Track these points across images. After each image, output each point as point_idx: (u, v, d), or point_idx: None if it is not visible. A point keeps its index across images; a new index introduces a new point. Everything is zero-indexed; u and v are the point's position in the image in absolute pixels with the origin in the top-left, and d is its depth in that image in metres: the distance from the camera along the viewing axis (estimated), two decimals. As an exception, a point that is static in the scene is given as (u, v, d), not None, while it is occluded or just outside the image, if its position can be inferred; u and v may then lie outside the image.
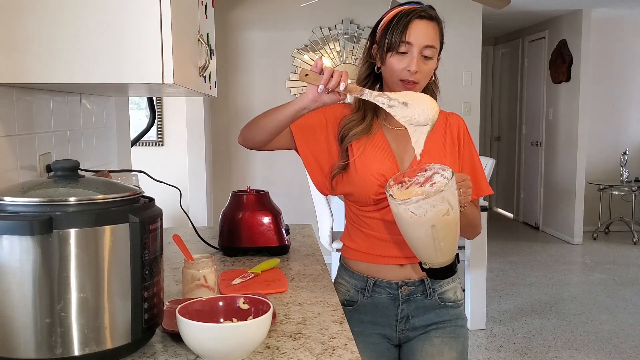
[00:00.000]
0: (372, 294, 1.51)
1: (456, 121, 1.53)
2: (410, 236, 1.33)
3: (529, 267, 5.48)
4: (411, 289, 1.50)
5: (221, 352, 1.03)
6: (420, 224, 1.27)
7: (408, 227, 1.31)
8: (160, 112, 5.14)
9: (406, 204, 1.26)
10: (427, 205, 1.24)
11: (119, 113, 2.29)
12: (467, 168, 1.51)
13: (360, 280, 1.52)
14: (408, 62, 1.39)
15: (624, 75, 6.88)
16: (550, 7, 6.21)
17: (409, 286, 1.50)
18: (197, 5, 1.55)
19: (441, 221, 1.26)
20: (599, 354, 3.54)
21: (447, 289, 1.54)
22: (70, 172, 1.06)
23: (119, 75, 1.21)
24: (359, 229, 1.52)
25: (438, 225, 1.27)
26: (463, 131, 1.53)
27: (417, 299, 1.51)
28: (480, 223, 1.57)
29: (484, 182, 1.55)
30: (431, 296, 1.51)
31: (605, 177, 6.76)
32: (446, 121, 1.52)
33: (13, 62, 1.18)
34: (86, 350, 0.98)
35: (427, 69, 1.42)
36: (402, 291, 1.50)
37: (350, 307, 1.53)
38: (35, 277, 0.95)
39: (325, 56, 5.41)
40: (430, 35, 1.41)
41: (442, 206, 1.25)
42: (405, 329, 1.53)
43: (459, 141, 1.52)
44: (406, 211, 1.26)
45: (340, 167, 1.47)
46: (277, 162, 5.59)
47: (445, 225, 1.28)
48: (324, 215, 4.07)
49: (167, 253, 1.29)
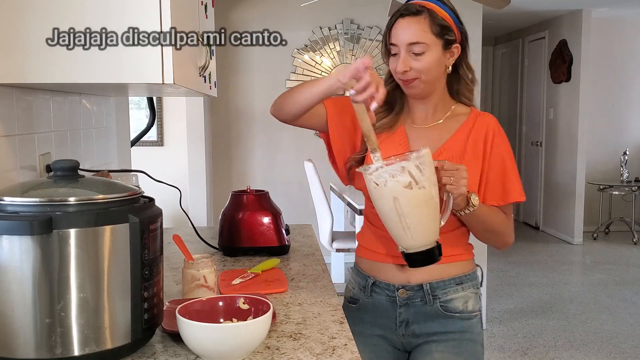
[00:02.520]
0: (372, 293, 1.49)
1: (485, 122, 1.45)
2: (379, 211, 1.30)
3: (529, 267, 5.48)
4: (409, 293, 1.44)
5: (221, 352, 1.03)
6: (383, 195, 1.25)
7: (375, 201, 1.29)
8: (160, 112, 5.14)
9: (367, 171, 1.26)
10: (386, 174, 1.23)
11: (119, 113, 2.29)
12: (494, 171, 1.43)
13: (362, 278, 1.52)
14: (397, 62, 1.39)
15: (624, 75, 6.88)
16: (550, 7, 6.21)
17: (406, 290, 1.44)
18: (197, 5, 1.55)
19: (403, 194, 1.23)
20: (599, 354, 3.54)
21: (453, 297, 1.44)
22: (70, 172, 1.06)
23: (119, 75, 1.21)
24: (368, 225, 1.53)
25: (400, 198, 1.23)
26: (493, 132, 1.44)
27: (417, 304, 1.44)
28: (507, 231, 1.46)
29: (514, 189, 1.44)
30: (431, 303, 1.43)
31: (605, 177, 6.76)
32: (475, 121, 1.45)
33: (13, 62, 1.18)
34: (86, 350, 0.98)
35: (421, 65, 1.37)
36: (399, 294, 1.45)
37: (353, 305, 1.53)
38: (35, 277, 0.95)
39: (325, 56, 5.41)
40: (412, 31, 1.36)
41: (403, 178, 1.22)
42: (406, 334, 1.47)
43: (485, 142, 1.43)
44: (370, 182, 1.25)
45: (355, 160, 1.46)
46: (277, 162, 5.59)
47: (409, 199, 1.23)
48: (324, 215, 4.07)
49: (167, 253, 1.29)
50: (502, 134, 1.45)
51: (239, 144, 5.54)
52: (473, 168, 1.40)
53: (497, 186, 1.42)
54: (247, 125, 5.52)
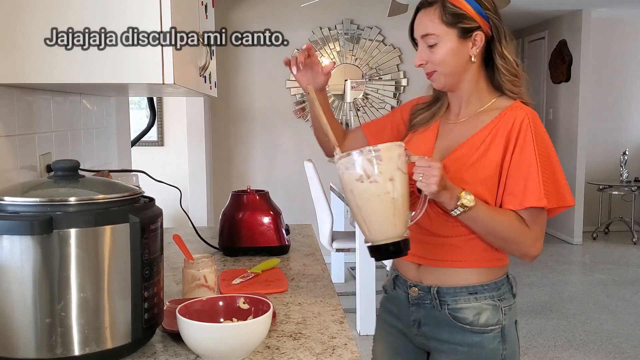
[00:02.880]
0: (395, 287, 1.47)
1: (513, 116, 1.32)
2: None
3: (529, 267, 5.48)
4: (421, 293, 1.39)
5: (221, 352, 1.03)
6: (343, 185, 1.26)
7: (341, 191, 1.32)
8: (160, 112, 5.14)
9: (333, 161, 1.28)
10: (342, 166, 1.23)
11: (119, 113, 2.29)
12: (515, 172, 1.29)
13: (392, 270, 1.51)
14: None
15: (623, 75, 6.88)
16: (550, 7, 6.21)
17: (419, 289, 1.39)
18: (197, 5, 1.55)
19: (356, 187, 1.22)
20: (599, 353, 3.54)
21: (463, 306, 1.34)
22: (71, 172, 1.06)
23: (119, 75, 1.21)
24: None
25: (355, 191, 1.22)
26: (519, 129, 1.30)
27: (427, 306, 1.39)
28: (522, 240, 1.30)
29: (534, 193, 1.27)
30: (439, 308, 1.36)
31: (605, 177, 6.76)
32: (503, 115, 1.34)
33: (13, 62, 1.18)
34: (86, 350, 0.98)
35: (437, 57, 1.33)
36: (411, 292, 1.41)
37: (385, 294, 1.53)
38: (35, 277, 0.95)
39: (325, 56, 5.41)
40: (423, 23, 1.35)
41: (354, 171, 1.21)
42: (418, 334, 1.42)
43: (509, 139, 1.30)
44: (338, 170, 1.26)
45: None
46: (277, 162, 5.59)
47: (362, 193, 1.22)
48: (324, 215, 4.07)
49: (167, 253, 1.29)
50: (532, 131, 1.30)
51: (239, 144, 5.54)
52: (489, 167, 1.31)
53: (517, 189, 1.28)
54: (247, 125, 5.52)
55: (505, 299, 1.37)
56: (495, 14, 1.36)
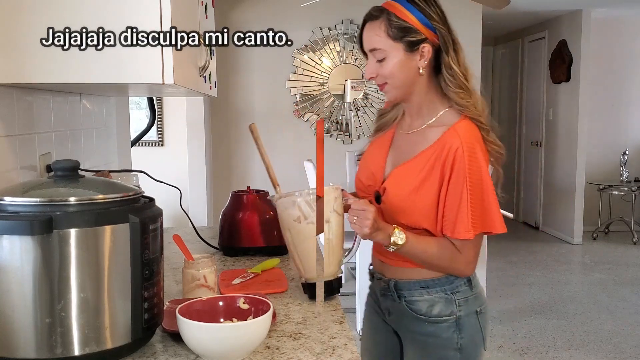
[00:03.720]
0: (373, 278, 1.57)
1: (449, 144, 1.31)
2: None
3: (529, 267, 5.48)
4: (384, 285, 1.48)
5: (221, 352, 1.03)
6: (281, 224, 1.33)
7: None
8: (160, 112, 5.14)
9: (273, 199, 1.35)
10: (281, 206, 1.30)
11: (119, 113, 2.29)
12: (450, 201, 1.32)
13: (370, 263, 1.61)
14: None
15: (623, 75, 6.88)
16: (550, 7, 6.21)
17: (382, 282, 1.48)
18: (197, 5, 1.55)
19: (293, 227, 1.29)
20: (599, 353, 3.54)
21: (417, 299, 1.41)
22: (71, 172, 1.06)
23: (119, 75, 1.21)
24: None
25: (292, 231, 1.30)
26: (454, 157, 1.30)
27: (389, 296, 1.46)
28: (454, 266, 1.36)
29: (462, 225, 1.30)
30: (398, 300, 1.43)
31: (605, 177, 6.76)
32: (442, 140, 1.33)
33: (13, 62, 1.18)
34: (86, 350, 0.98)
35: (386, 71, 1.34)
36: (378, 284, 1.51)
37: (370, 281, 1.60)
38: (35, 277, 0.95)
39: (325, 56, 5.41)
40: (370, 38, 1.35)
41: (293, 211, 1.28)
42: (390, 320, 1.50)
43: (444, 168, 1.31)
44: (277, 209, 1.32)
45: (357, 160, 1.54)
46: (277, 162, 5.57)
47: (298, 233, 1.30)
48: (324, 215, 4.07)
49: (167, 253, 1.29)
50: (466, 160, 1.29)
51: (239, 144, 5.54)
52: (427, 197, 1.33)
53: (450, 218, 1.32)
54: (247, 125, 5.51)
55: (459, 291, 1.41)
56: (443, 24, 1.35)
